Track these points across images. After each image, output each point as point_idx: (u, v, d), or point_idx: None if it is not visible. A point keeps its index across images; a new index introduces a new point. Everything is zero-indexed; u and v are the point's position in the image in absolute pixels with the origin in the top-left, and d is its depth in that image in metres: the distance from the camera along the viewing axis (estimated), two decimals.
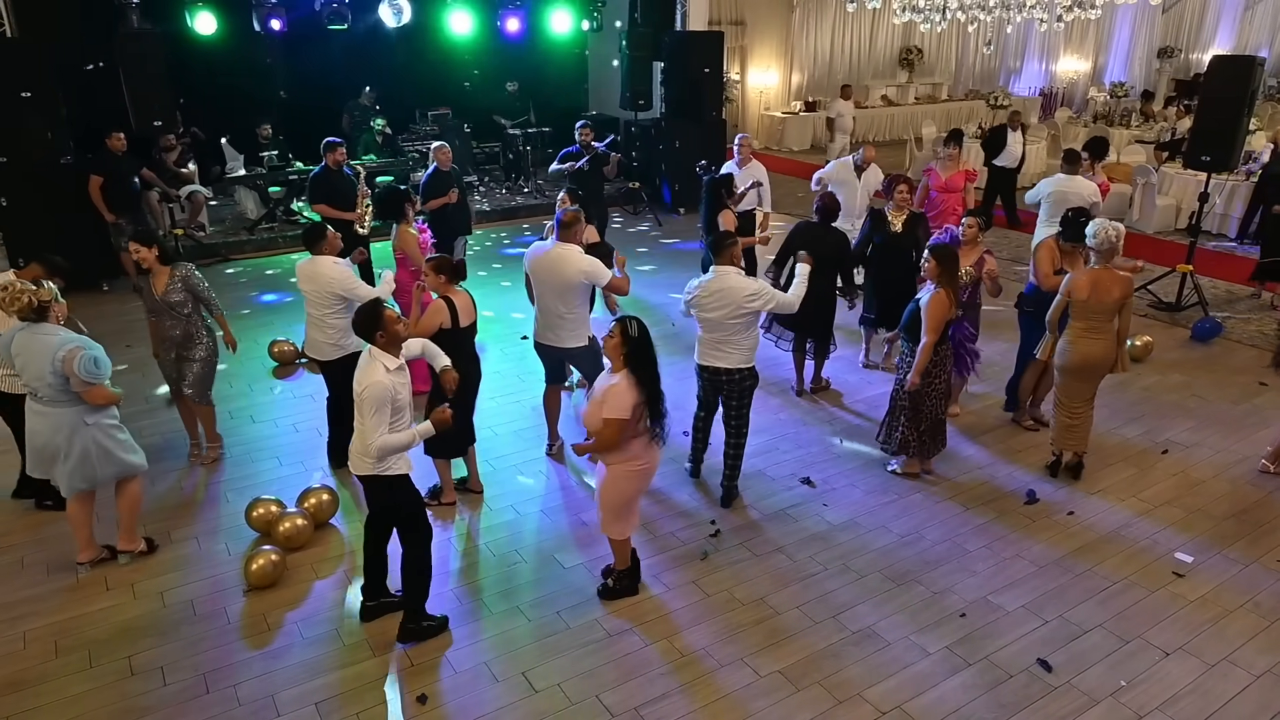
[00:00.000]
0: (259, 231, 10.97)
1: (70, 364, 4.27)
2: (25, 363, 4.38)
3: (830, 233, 6.53)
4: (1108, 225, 5.34)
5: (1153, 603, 4.59)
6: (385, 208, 6.51)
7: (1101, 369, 5.50)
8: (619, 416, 4.06)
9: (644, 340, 4.15)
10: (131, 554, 4.86)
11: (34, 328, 4.40)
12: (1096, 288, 5.32)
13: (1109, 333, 5.43)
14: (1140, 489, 5.66)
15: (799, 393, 6.94)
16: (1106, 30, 21.60)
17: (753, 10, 17.28)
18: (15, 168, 8.58)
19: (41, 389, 4.39)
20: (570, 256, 5.42)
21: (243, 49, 12.17)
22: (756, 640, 4.30)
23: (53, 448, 4.50)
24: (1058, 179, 8.01)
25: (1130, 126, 15.59)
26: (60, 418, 4.43)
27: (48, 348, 4.32)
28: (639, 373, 4.13)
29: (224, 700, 3.90)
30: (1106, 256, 5.35)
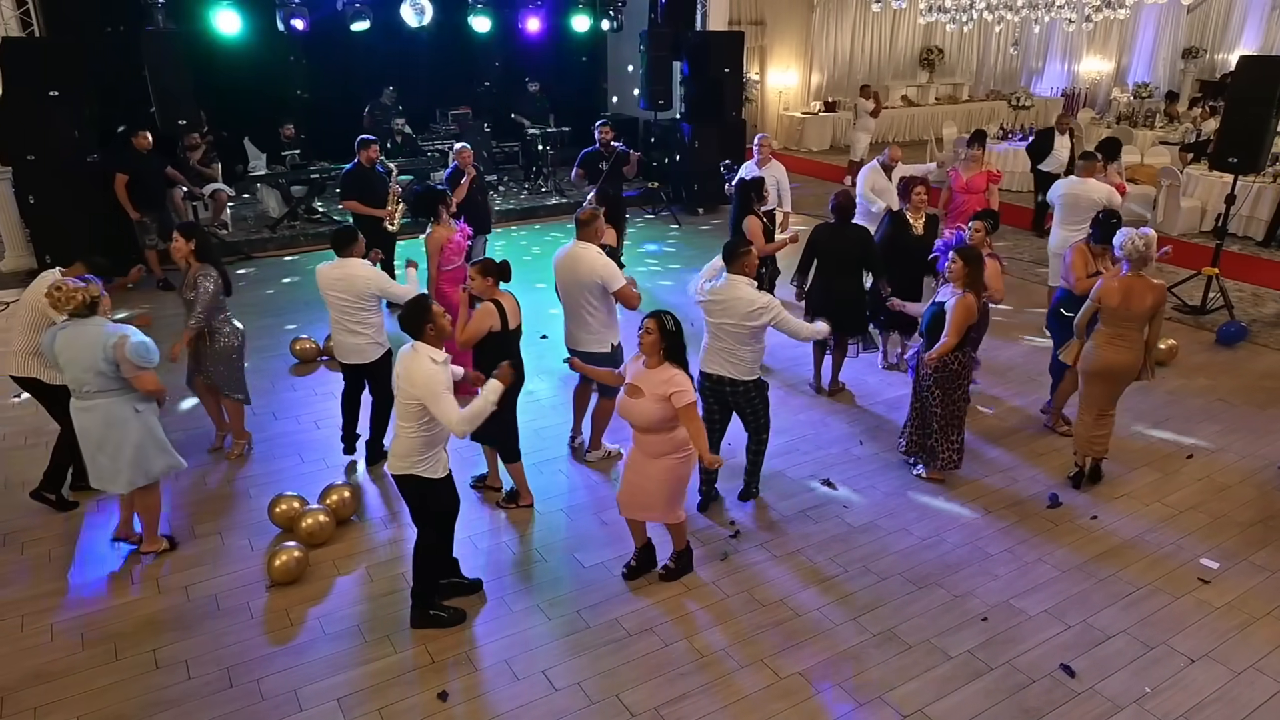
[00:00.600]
0: (281, 230, 11.05)
1: (122, 349, 4.37)
2: (71, 358, 4.42)
3: (849, 229, 6.51)
4: (1134, 234, 5.25)
5: (1178, 609, 4.54)
6: (421, 206, 6.55)
7: (1125, 377, 5.42)
8: (694, 399, 4.18)
9: (680, 332, 4.25)
10: (155, 554, 4.91)
11: (80, 323, 4.45)
12: (1128, 296, 5.24)
13: (1136, 341, 5.34)
14: (1165, 494, 5.60)
15: (816, 390, 6.93)
16: (1130, 30, 21.40)
17: (773, 10, 17.24)
18: (43, 166, 8.67)
19: (89, 381, 4.44)
20: (585, 256, 5.40)
21: (265, 48, 12.28)
22: (776, 641, 4.29)
23: (106, 443, 4.54)
24: (1070, 181, 7.95)
25: (1154, 128, 15.43)
26: (110, 409, 4.51)
27: (96, 338, 4.39)
28: (678, 364, 4.22)
29: (247, 694, 3.94)
30: (1138, 265, 5.25)
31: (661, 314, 4.22)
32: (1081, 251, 5.93)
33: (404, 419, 4.05)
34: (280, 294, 9.32)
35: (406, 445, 4.07)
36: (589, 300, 5.44)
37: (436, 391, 3.91)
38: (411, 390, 3.96)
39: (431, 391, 3.91)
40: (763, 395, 5.19)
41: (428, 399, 3.92)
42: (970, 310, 5.21)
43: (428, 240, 6.50)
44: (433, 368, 3.95)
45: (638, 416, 4.26)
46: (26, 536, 5.08)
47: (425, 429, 4.03)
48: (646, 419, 4.23)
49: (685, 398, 4.13)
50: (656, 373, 4.20)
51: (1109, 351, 5.36)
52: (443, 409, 3.92)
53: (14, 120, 8.52)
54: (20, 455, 5.97)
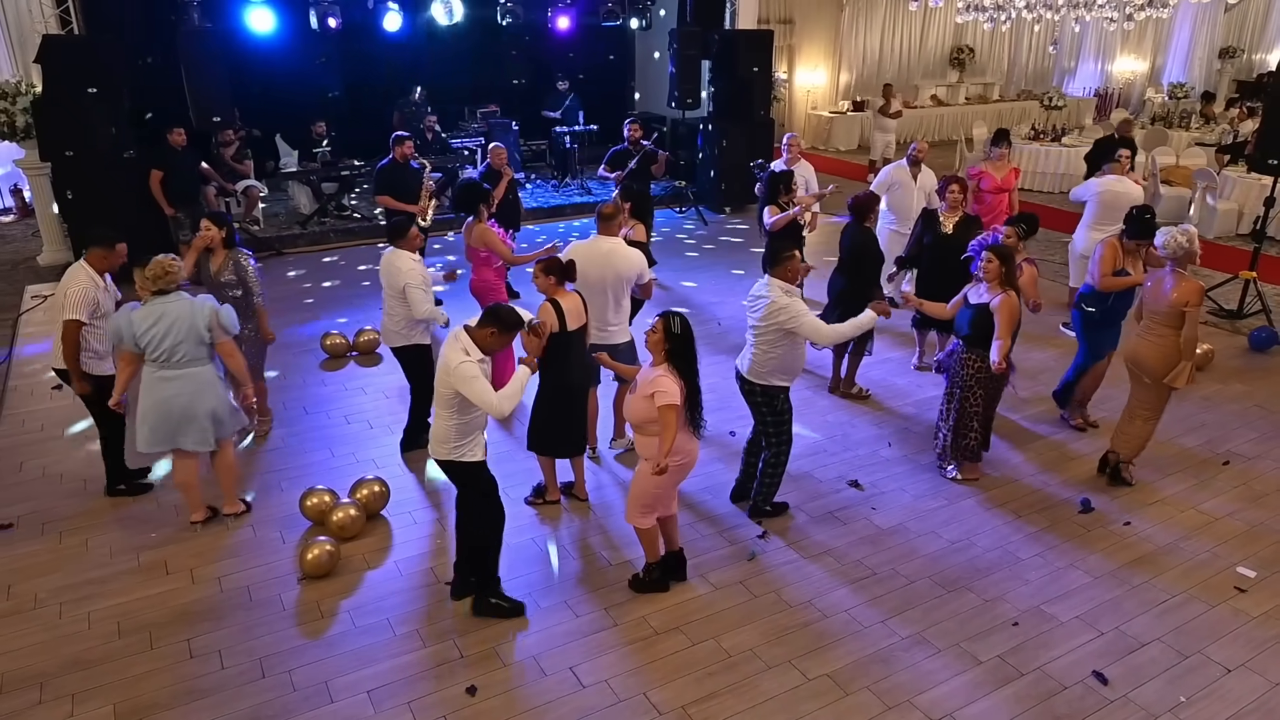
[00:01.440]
0: (311, 226, 11.16)
1: (218, 317, 4.75)
2: (165, 330, 4.67)
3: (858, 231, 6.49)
4: (1175, 232, 5.20)
5: (1213, 617, 4.47)
6: (464, 201, 6.57)
7: (1148, 372, 5.33)
8: (673, 402, 4.10)
9: (687, 336, 4.18)
10: (235, 515, 5.19)
11: (163, 299, 4.70)
12: (1156, 287, 5.25)
13: (1163, 338, 5.25)
14: (1200, 500, 5.52)
15: (831, 389, 6.89)
16: (1166, 30, 21.08)
17: (802, 9, 17.15)
18: (81, 162, 8.82)
19: (184, 351, 4.72)
20: (621, 250, 5.48)
21: (298, 46, 12.40)
22: (804, 643, 4.28)
23: (194, 408, 4.80)
24: (1107, 179, 7.85)
25: (1190, 128, 15.20)
26: (200, 376, 4.83)
27: (190, 309, 4.72)
28: (680, 367, 4.17)
29: (279, 685, 3.98)
30: (1182, 263, 5.21)
31: (670, 314, 4.20)
32: (1113, 247, 5.86)
33: (439, 405, 4.14)
34: (311, 290, 9.41)
35: (444, 431, 4.16)
36: (621, 292, 5.49)
37: (466, 376, 3.97)
38: (444, 377, 4.04)
39: (462, 377, 3.97)
40: (772, 407, 5.00)
41: (461, 385, 3.98)
42: (1015, 308, 5.16)
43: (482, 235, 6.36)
44: (463, 358, 4.01)
45: (628, 411, 4.30)
46: (65, 525, 5.17)
47: (458, 415, 4.10)
48: (635, 415, 4.25)
49: (664, 398, 4.08)
50: (652, 370, 4.21)
51: (1133, 342, 5.41)
52: (478, 392, 3.97)
53: (54, 117, 8.67)
54: (58, 445, 6.08)
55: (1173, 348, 5.23)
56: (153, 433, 4.86)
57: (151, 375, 4.80)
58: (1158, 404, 5.46)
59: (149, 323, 4.68)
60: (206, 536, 5.07)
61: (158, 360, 4.75)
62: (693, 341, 4.22)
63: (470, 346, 4.06)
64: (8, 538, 5.06)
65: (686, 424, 4.22)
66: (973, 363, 5.35)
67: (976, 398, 5.42)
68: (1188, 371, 5.25)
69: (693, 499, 5.47)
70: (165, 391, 4.78)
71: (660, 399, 4.10)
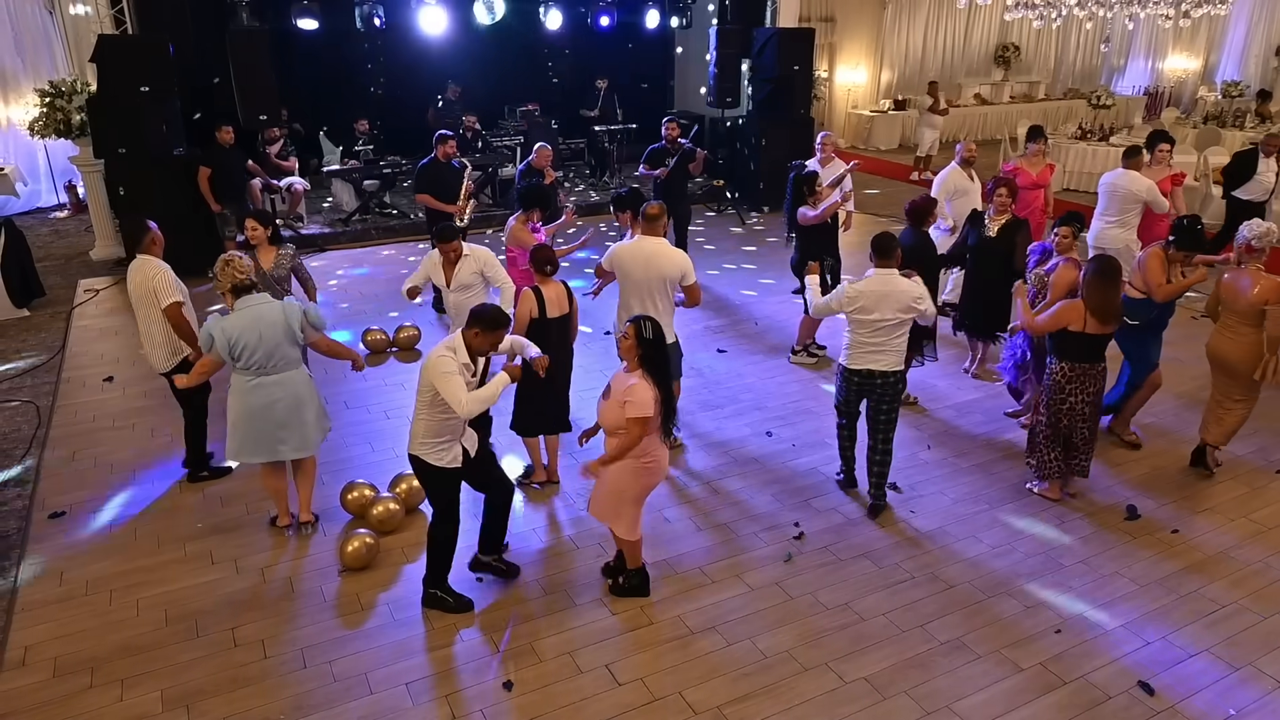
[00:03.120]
0: (353, 223, 11.31)
1: (310, 316, 4.74)
2: (260, 337, 4.58)
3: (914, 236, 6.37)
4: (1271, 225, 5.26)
5: (1265, 629, 4.35)
6: (530, 200, 6.64)
7: (1230, 368, 5.36)
8: (644, 415, 4.06)
9: (658, 342, 4.15)
10: (312, 524, 5.16)
11: (246, 303, 4.63)
12: (1231, 286, 5.27)
13: (1243, 335, 5.29)
14: (1252, 509, 5.38)
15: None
16: (1220, 26, 20.54)
17: (843, 6, 17.00)
18: (133, 159, 9.03)
19: (280, 356, 4.67)
20: (666, 250, 5.47)
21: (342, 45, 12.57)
22: (841, 645, 4.25)
23: (299, 413, 4.80)
24: (1117, 173, 7.75)
25: (1244, 128, 14.80)
26: (297, 378, 4.80)
27: (278, 312, 4.65)
28: (654, 372, 4.13)
29: (320, 675, 4.05)
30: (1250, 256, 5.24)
31: (641, 320, 4.15)
32: (1159, 257, 5.70)
33: (418, 398, 4.20)
34: (352, 286, 9.54)
35: (417, 426, 4.23)
36: (666, 293, 5.48)
37: (441, 371, 4.03)
38: (424, 371, 4.11)
39: (438, 371, 4.03)
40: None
41: (435, 379, 4.03)
42: (1068, 316, 5.03)
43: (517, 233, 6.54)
44: (444, 354, 4.08)
45: (601, 416, 4.26)
46: (116, 515, 5.29)
47: (433, 414, 4.15)
48: (607, 420, 4.20)
49: (635, 409, 4.03)
50: (626, 377, 4.17)
51: (1214, 338, 5.44)
52: (449, 388, 4.02)
53: (107, 115, 8.89)
54: (109, 435, 6.24)
55: (1256, 345, 5.26)
56: (247, 442, 4.77)
57: (246, 384, 4.68)
58: (1252, 387, 5.44)
59: (240, 329, 4.57)
60: (250, 528, 5.16)
61: (252, 368, 4.65)
62: (663, 347, 4.17)
63: (459, 347, 4.13)
64: (60, 525, 5.20)
65: (657, 430, 4.18)
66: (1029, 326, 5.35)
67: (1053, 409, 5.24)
68: (1274, 366, 5.25)
69: (725, 502, 5.45)
70: (263, 399, 4.70)
71: (631, 409, 4.05)
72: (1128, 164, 7.68)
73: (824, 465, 5.87)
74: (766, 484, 5.65)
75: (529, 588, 4.65)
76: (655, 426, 4.16)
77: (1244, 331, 5.27)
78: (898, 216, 12.22)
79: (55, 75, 10.59)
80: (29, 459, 5.93)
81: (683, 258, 5.49)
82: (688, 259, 5.51)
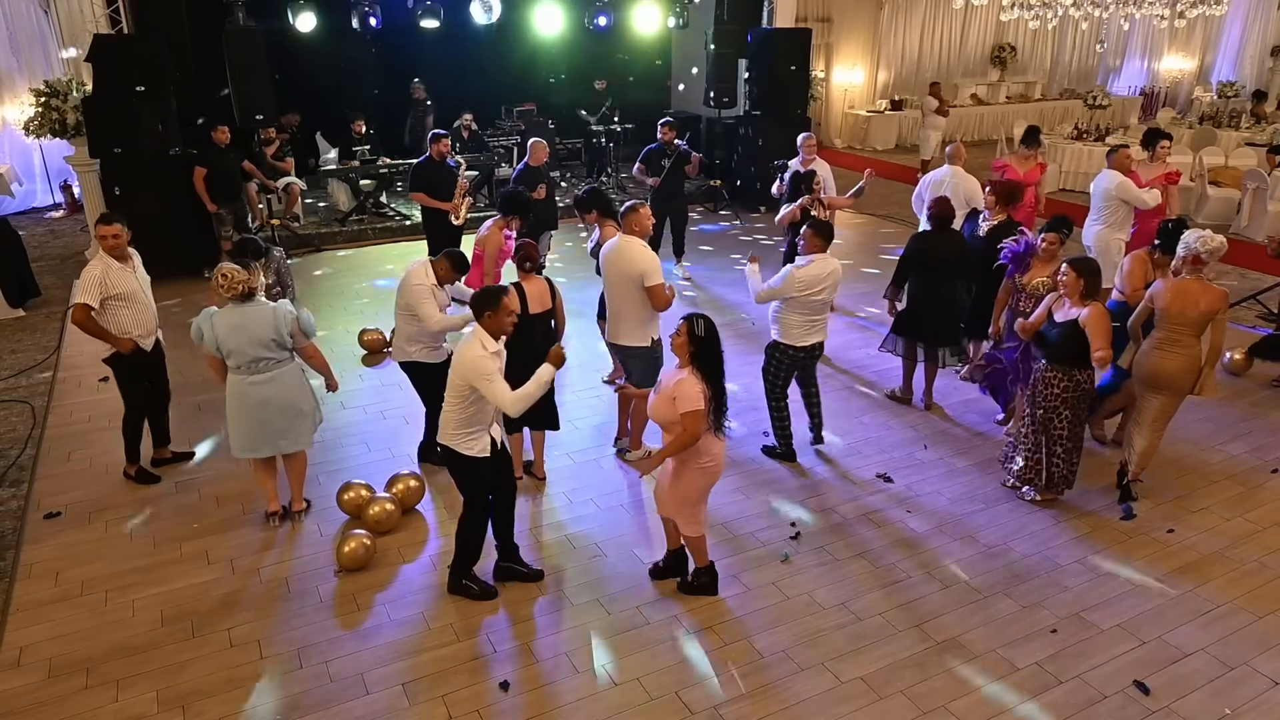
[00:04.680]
0: (350, 223, 11.30)
1: (299, 322, 4.75)
2: (242, 339, 4.68)
3: (949, 238, 6.37)
4: (1207, 235, 5.05)
5: (1261, 628, 4.36)
6: (512, 206, 6.54)
7: (1173, 386, 5.16)
8: (695, 408, 4.06)
9: (711, 339, 4.13)
10: (304, 512, 5.24)
11: (239, 306, 4.71)
12: (1181, 297, 5.05)
13: (1189, 348, 5.09)
14: (1247, 509, 5.39)
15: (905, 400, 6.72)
16: (1216, 27, 20.60)
17: (840, 7, 17.03)
18: (128, 159, 9.01)
19: (265, 356, 4.75)
20: (629, 249, 5.41)
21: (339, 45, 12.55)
22: (838, 645, 4.25)
23: (296, 406, 4.89)
24: (1103, 173, 7.77)
25: (1240, 128, 14.84)
26: (290, 376, 4.91)
27: (267, 315, 4.72)
28: (705, 370, 4.12)
29: (316, 675, 4.04)
30: (1192, 266, 5.04)
31: (694, 317, 4.14)
32: (1142, 260, 5.66)
33: (449, 393, 4.23)
34: (348, 286, 9.52)
35: (447, 417, 4.27)
36: (631, 293, 5.43)
37: (484, 373, 4.08)
38: (460, 369, 4.13)
39: (480, 374, 4.07)
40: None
41: (477, 382, 4.08)
42: (1106, 317, 4.90)
43: (490, 238, 6.46)
44: (480, 353, 4.11)
45: (652, 411, 4.29)
46: (111, 515, 5.29)
47: (466, 407, 4.20)
48: (659, 416, 4.23)
49: (685, 404, 4.04)
50: (677, 373, 4.18)
51: (1155, 357, 5.16)
52: (494, 391, 4.08)
53: (103, 115, 8.87)
54: (104, 436, 6.22)
55: (1197, 358, 5.08)
56: (250, 437, 4.90)
57: (240, 383, 4.81)
58: (1170, 412, 5.30)
59: (228, 329, 4.67)
60: (246, 528, 5.16)
61: (242, 368, 4.77)
62: (717, 344, 4.16)
63: (486, 339, 4.16)
64: (55, 526, 5.19)
65: (710, 427, 4.17)
66: (1058, 382, 5.07)
67: (1063, 419, 5.14)
68: (1208, 378, 5.13)
69: (724, 499, 5.45)
70: (259, 396, 4.81)
71: (681, 404, 4.07)
72: (1110, 162, 7.72)
73: (820, 465, 5.88)
74: (762, 484, 5.65)
75: (526, 588, 4.64)
76: (707, 426, 4.14)
77: (1190, 344, 5.07)
78: (893, 216, 12.25)
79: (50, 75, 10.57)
80: (24, 459, 5.92)
81: (646, 259, 5.35)
82: (651, 261, 5.36)
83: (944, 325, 6.36)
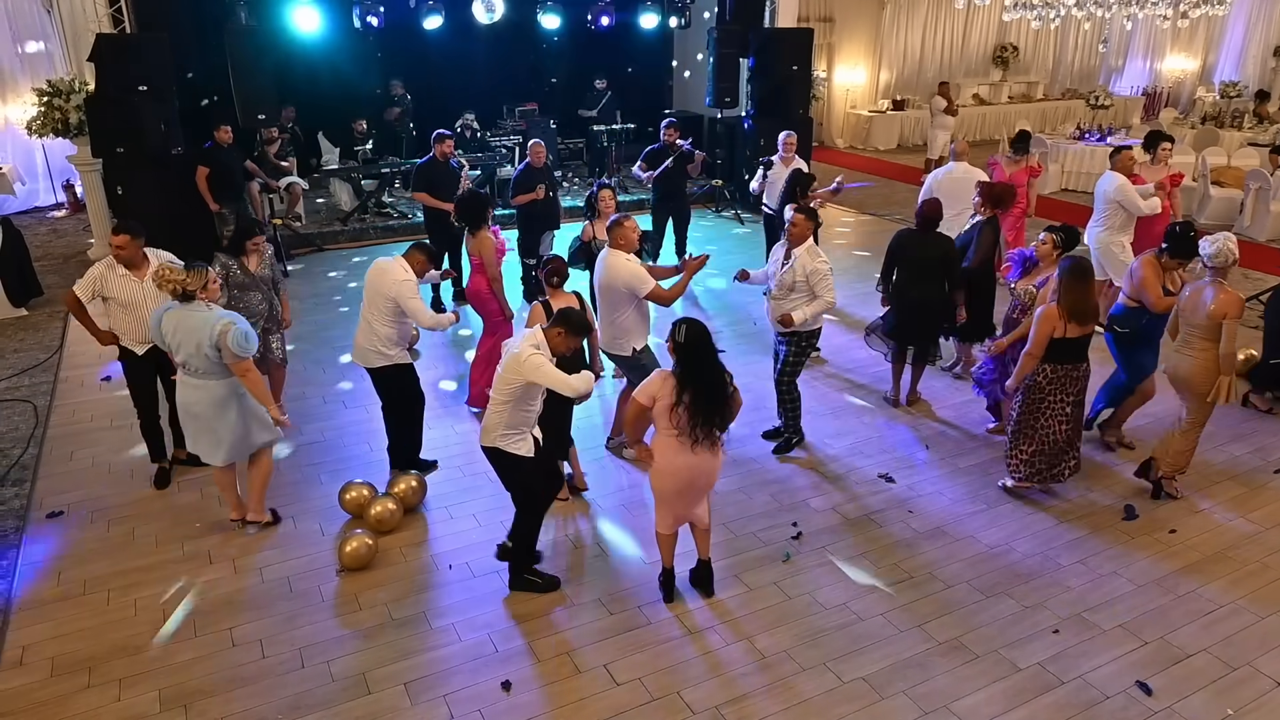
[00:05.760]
0: (351, 223, 11.30)
1: (225, 338, 4.57)
2: (180, 339, 4.66)
3: (932, 239, 6.35)
4: (1223, 240, 5.03)
5: (1263, 629, 4.36)
6: (467, 212, 6.38)
7: (1189, 388, 5.17)
8: (639, 399, 4.17)
9: (690, 344, 4.05)
10: (259, 524, 5.14)
11: (184, 307, 4.68)
12: (1192, 299, 5.08)
13: (1203, 351, 5.06)
14: (1249, 509, 5.38)
15: (894, 402, 6.74)
16: (1219, 27, 20.56)
17: (842, 7, 17.02)
18: (131, 158, 9.00)
19: (196, 363, 4.68)
20: (613, 264, 5.31)
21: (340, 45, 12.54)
22: (839, 645, 4.25)
23: (207, 420, 4.80)
24: (1105, 175, 7.78)
25: (1243, 128, 14.82)
26: (215, 390, 4.74)
27: (202, 323, 4.61)
28: (681, 374, 4.06)
29: (318, 675, 4.04)
30: (1224, 273, 5.04)
31: (679, 323, 4.09)
32: (1154, 266, 5.55)
33: (498, 394, 4.24)
34: (350, 285, 9.53)
35: (494, 420, 4.28)
36: (612, 304, 5.41)
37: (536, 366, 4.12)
38: (515, 367, 4.14)
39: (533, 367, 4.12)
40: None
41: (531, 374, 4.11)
42: (1047, 328, 4.97)
43: (480, 244, 6.26)
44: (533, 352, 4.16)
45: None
46: (113, 514, 5.30)
47: (518, 408, 4.24)
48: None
49: (640, 393, 4.16)
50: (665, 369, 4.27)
51: (1173, 359, 5.25)
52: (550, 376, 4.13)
53: (105, 114, 8.87)
54: (107, 435, 6.23)
55: (1213, 361, 5.05)
56: (188, 434, 4.96)
57: (180, 378, 4.84)
58: (1199, 417, 5.29)
59: (171, 326, 4.67)
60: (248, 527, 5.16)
61: (179, 365, 4.79)
62: (702, 349, 4.04)
63: (541, 343, 4.21)
64: (58, 525, 5.19)
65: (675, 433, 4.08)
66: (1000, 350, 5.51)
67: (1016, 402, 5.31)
68: (1227, 387, 5.07)
69: (729, 500, 5.46)
70: (183, 396, 4.82)
71: (636, 391, 4.22)
72: (1113, 165, 7.71)
73: (822, 465, 5.87)
74: (764, 484, 5.65)
75: None
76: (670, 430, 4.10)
77: (1204, 347, 5.06)
78: (896, 215, 12.24)
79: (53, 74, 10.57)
80: (26, 458, 5.93)
81: (628, 274, 5.25)
82: (634, 275, 5.25)
83: (922, 325, 6.37)
